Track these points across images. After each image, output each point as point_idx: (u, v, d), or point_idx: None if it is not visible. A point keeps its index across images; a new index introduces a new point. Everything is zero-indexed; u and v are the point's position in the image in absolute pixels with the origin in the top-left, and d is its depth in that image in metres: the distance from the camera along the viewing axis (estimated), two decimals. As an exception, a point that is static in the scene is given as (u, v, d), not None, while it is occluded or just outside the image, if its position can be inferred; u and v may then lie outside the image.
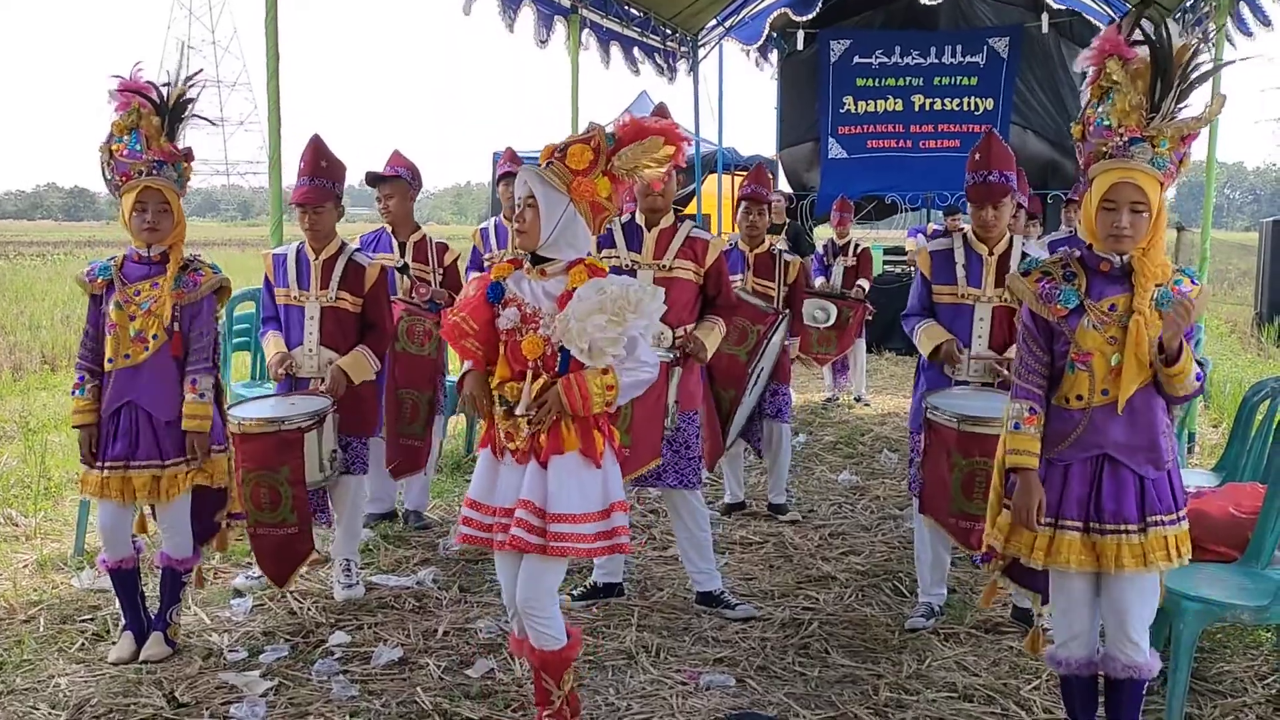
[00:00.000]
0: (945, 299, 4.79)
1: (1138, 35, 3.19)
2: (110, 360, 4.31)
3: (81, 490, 4.52)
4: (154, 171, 4.24)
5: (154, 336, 4.29)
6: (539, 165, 3.51)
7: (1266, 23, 9.80)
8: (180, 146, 4.34)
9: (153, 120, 4.23)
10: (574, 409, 3.40)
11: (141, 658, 4.39)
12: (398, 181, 6.11)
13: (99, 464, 4.33)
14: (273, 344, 5.10)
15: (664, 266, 4.87)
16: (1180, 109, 3.16)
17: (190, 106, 4.37)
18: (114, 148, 4.24)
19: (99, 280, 4.35)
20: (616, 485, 3.55)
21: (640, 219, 4.94)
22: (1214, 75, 3.41)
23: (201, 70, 4.46)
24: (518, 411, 3.43)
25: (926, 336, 4.80)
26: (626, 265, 4.89)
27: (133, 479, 4.31)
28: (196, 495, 4.48)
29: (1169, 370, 3.14)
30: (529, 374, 3.44)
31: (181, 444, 4.35)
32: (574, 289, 3.39)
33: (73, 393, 4.41)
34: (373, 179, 6.15)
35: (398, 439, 5.92)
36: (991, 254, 4.72)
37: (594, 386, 3.39)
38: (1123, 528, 3.23)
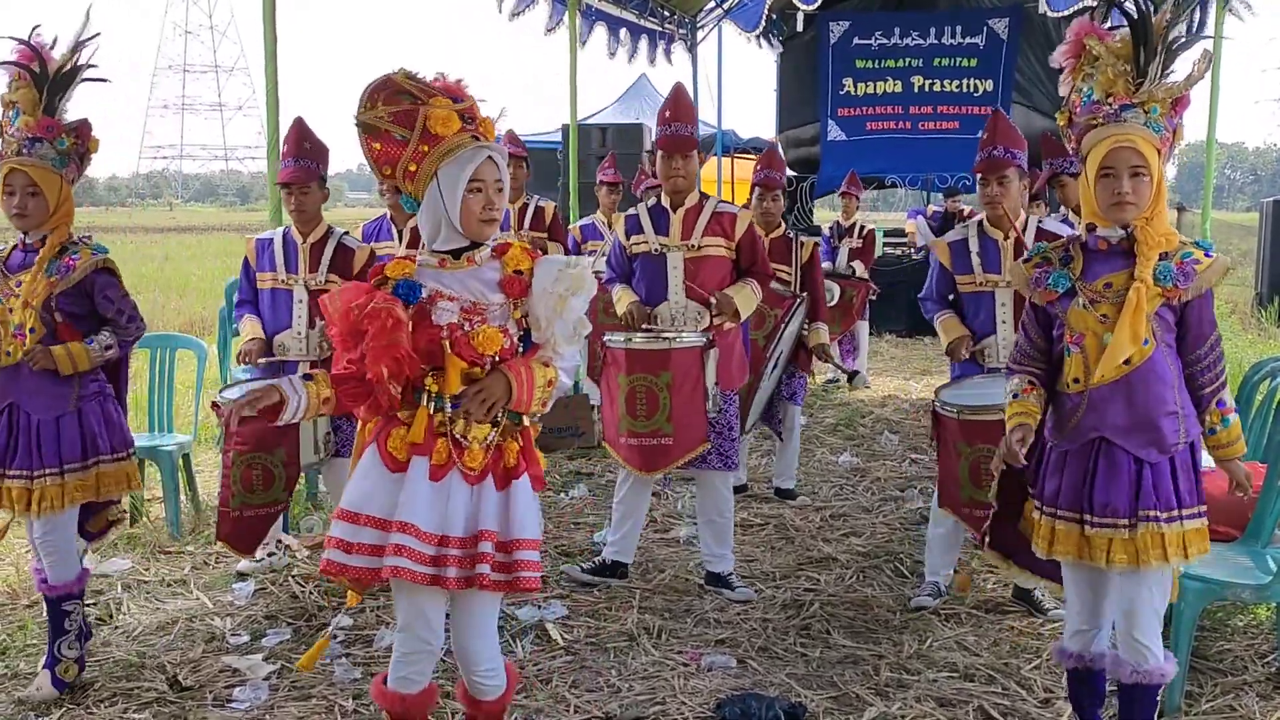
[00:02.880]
0: (967, 288, 4.79)
1: (1115, 21, 3.24)
2: None
3: None
4: (24, 150, 3.79)
5: (31, 330, 3.83)
6: (478, 135, 2.99)
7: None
8: (64, 120, 3.87)
9: (29, 93, 3.80)
10: (519, 401, 2.97)
11: (22, 695, 4.00)
12: None
13: None
14: (250, 328, 5.06)
15: (694, 246, 4.86)
16: (1166, 75, 3.12)
17: (79, 74, 3.89)
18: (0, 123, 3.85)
19: None
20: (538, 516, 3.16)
21: (665, 200, 4.93)
22: (1215, 45, 3.46)
23: (99, 34, 3.96)
24: (475, 419, 2.98)
25: (944, 329, 4.85)
26: (656, 249, 4.88)
27: (11, 489, 3.87)
28: (82, 507, 4.05)
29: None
30: (490, 369, 3.00)
31: (58, 453, 3.87)
32: (516, 271, 3.02)
33: None
34: None
35: None
36: (1007, 238, 4.71)
37: (540, 379, 2.99)
38: (1111, 521, 3.08)
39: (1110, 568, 3.10)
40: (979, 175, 4.71)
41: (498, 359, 3.00)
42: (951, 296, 4.88)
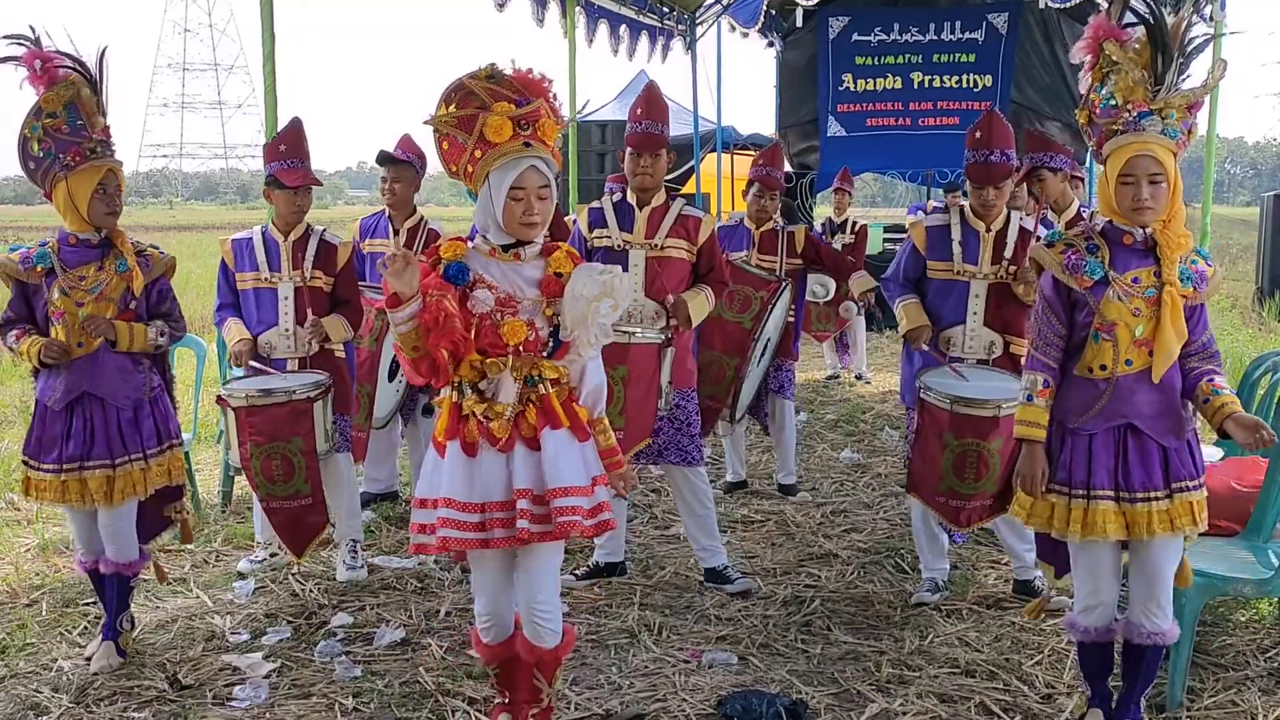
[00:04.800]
0: (940, 274, 4.77)
1: (1130, 18, 3.34)
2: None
3: (32, 495, 4.20)
4: (108, 152, 4.06)
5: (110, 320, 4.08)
6: (530, 142, 3.18)
7: None
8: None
9: (91, 96, 4.03)
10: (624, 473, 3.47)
11: (92, 669, 4.18)
12: (407, 167, 6.07)
13: (53, 465, 4.10)
14: (236, 330, 5.03)
15: (656, 245, 4.83)
16: (1183, 80, 3.27)
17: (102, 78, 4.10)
18: (47, 123, 3.96)
19: (38, 268, 4.09)
20: (596, 460, 3.39)
21: (631, 198, 4.91)
22: (1214, 43, 3.57)
23: (106, 47, 4.12)
24: (500, 399, 3.21)
25: (906, 315, 4.82)
26: (618, 245, 4.85)
27: (87, 480, 4.09)
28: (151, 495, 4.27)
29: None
30: (509, 360, 3.22)
31: (139, 440, 4.17)
32: (556, 273, 3.26)
33: (13, 343, 4.15)
34: (384, 158, 6.12)
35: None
36: (989, 230, 4.70)
37: (607, 444, 3.42)
38: (1151, 495, 3.31)
39: (1152, 537, 3.31)
40: (973, 180, 4.67)
41: (520, 350, 3.23)
42: (917, 280, 4.87)
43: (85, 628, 4.56)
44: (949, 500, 4.47)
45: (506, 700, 3.59)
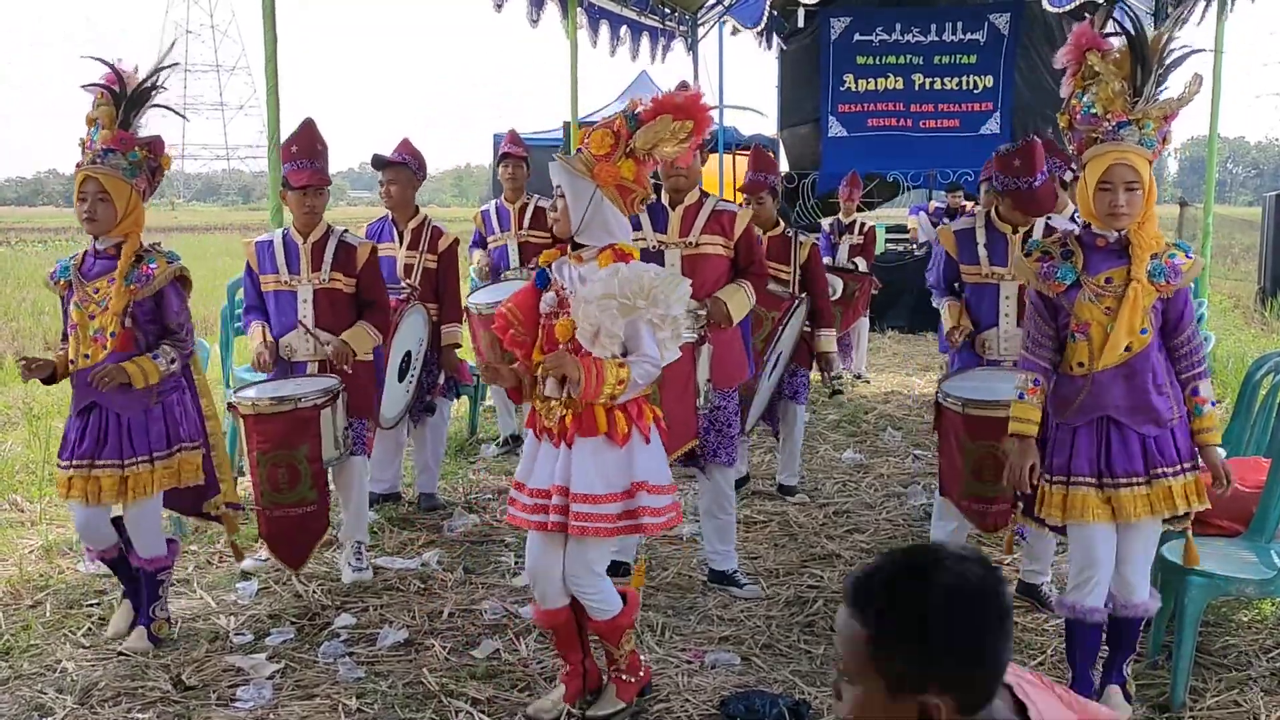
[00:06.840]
0: (972, 278, 4.82)
1: (1111, 29, 3.52)
2: (72, 362, 4.23)
3: (58, 490, 4.38)
4: (97, 160, 4.13)
5: (112, 334, 4.17)
6: (581, 149, 3.60)
7: None
8: (139, 134, 4.21)
9: (108, 110, 4.15)
10: (586, 390, 3.40)
11: (122, 648, 4.35)
12: (402, 169, 6.07)
13: (65, 463, 4.24)
14: (259, 333, 5.06)
15: (692, 244, 4.80)
16: (1160, 91, 3.44)
17: (153, 94, 4.24)
18: (83, 140, 4.20)
19: (62, 281, 4.27)
20: (644, 466, 3.59)
21: (665, 198, 4.91)
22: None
23: (176, 63, 4.33)
24: (546, 393, 3.53)
25: (948, 314, 4.92)
26: (653, 246, 4.82)
27: (100, 479, 4.21)
28: (171, 494, 4.41)
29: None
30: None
31: (147, 442, 4.25)
32: None
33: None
34: (378, 162, 6.13)
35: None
36: (1016, 232, 4.72)
37: (610, 376, 3.43)
38: (1133, 480, 3.51)
39: (1136, 519, 3.51)
40: (1017, 205, 4.69)
41: (570, 347, 3.49)
42: (958, 285, 4.91)
43: (89, 629, 4.56)
44: (973, 504, 4.49)
45: (568, 669, 3.87)
